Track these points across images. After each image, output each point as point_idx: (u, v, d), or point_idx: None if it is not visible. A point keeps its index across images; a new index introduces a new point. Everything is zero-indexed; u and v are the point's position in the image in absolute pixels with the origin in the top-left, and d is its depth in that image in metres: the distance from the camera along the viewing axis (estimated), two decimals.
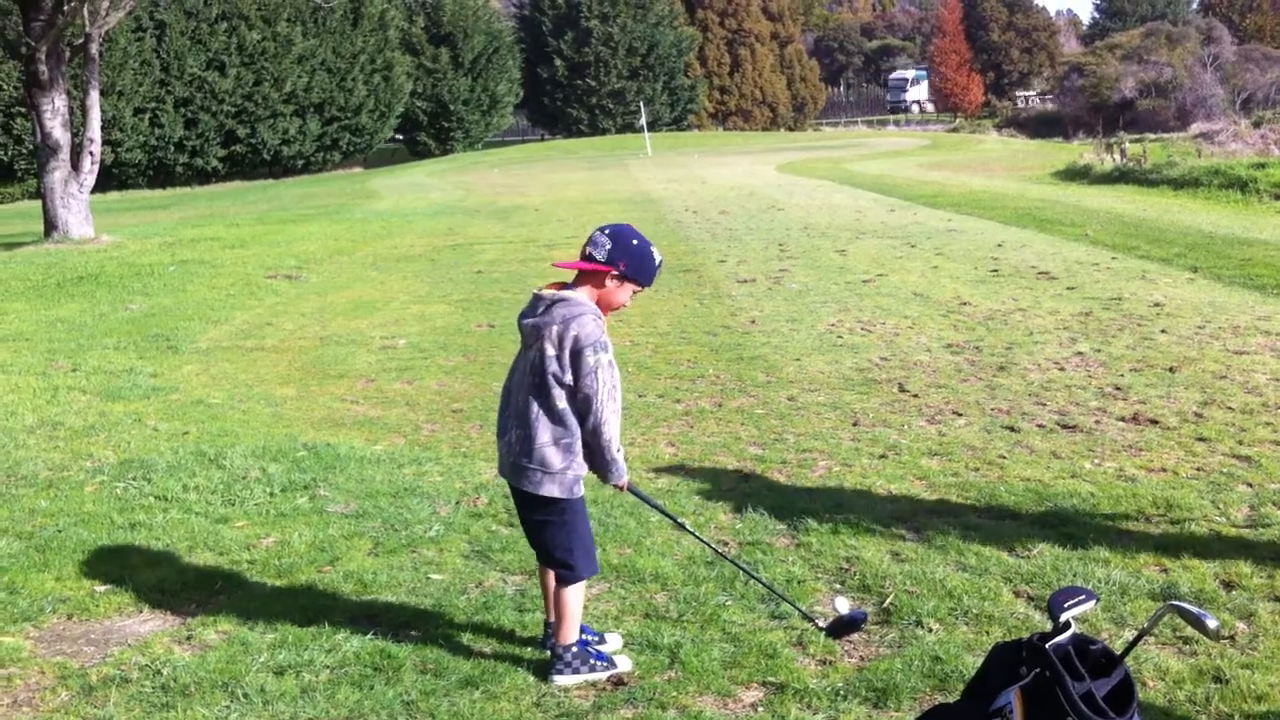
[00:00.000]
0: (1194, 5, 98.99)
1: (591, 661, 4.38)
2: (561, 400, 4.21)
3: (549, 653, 4.45)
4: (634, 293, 4.39)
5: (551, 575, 4.46)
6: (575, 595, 4.39)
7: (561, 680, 4.32)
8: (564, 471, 4.25)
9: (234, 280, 15.50)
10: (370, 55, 54.54)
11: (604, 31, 70.79)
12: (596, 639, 4.59)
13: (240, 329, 12.23)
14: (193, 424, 8.28)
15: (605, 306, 4.33)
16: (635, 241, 4.33)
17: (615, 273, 4.28)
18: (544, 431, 4.23)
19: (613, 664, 4.40)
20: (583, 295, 4.28)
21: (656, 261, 4.40)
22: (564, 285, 4.34)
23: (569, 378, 4.19)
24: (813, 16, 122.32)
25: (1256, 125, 39.55)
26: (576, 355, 4.17)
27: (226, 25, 48.80)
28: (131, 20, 42.10)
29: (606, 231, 4.32)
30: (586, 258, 4.28)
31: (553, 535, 4.36)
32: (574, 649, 4.37)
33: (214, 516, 6.28)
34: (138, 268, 16.62)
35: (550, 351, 4.18)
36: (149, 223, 26.27)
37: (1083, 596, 2.94)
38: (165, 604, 5.18)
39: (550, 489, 4.25)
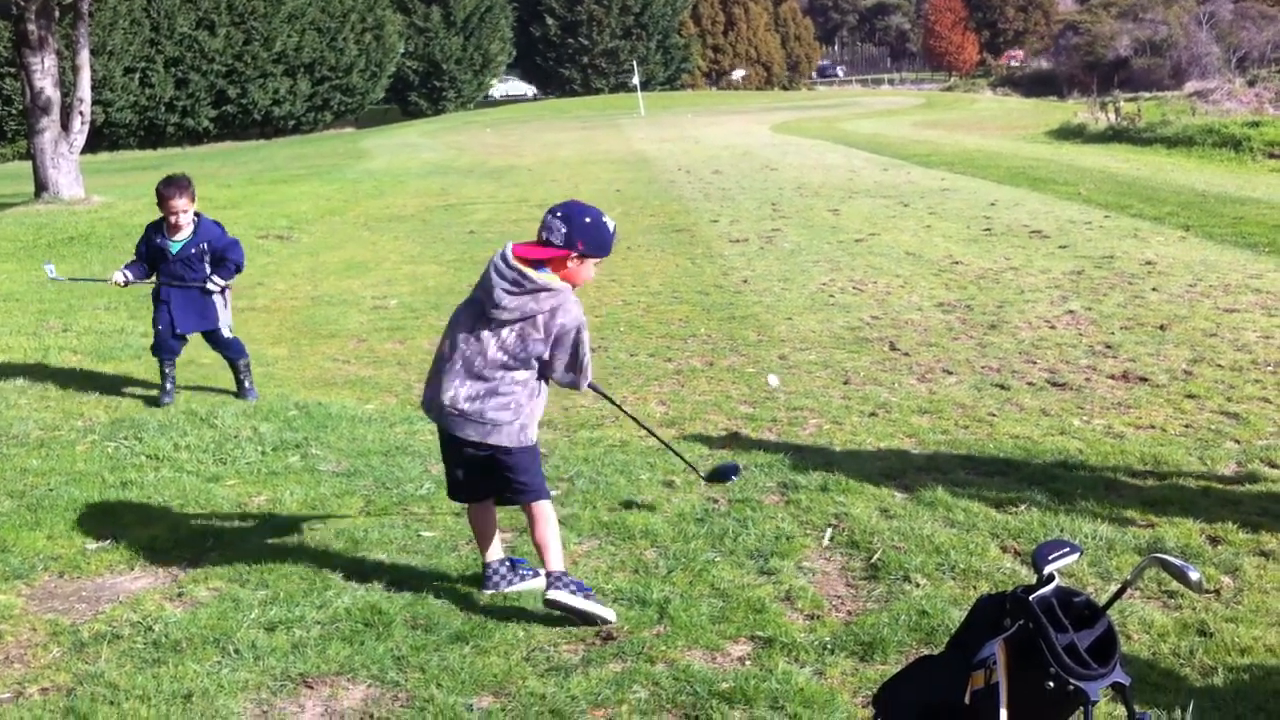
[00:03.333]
0: None
1: (587, 592, 4.49)
2: (533, 373, 4.48)
3: (493, 584, 4.75)
4: (595, 264, 4.50)
5: (488, 513, 4.73)
6: (550, 515, 4.57)
7: (555, 595, 4.38)
8: (525, 427, 4.49)
9: None
10: (361, 14, 54.06)
11: None
12: (531, 574, 4.83)
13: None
14: (183, 383, 8.26)
15: (572, 283, 4.46)
16: (587, 219, 4.39)
17: (575, 254, 4.38)
18: (512, 396, 4.44)
19: (602, 606, 4.45)
20: (556, 279, 4.39)
21: (610, 230, 4.48)
22: (535, 249, 4.40)
23: (552, 356, 4.43)
24: None
25: (1251, 84, 39.40)
26: (567, 339, 4.41)
27: None
28: None
29: (558, 214, 4.40)
30: (544, 243, 4.38)
31: (511, 474, 4.53)
32: (567, 576, 4.47)
33: (205, 475, 6.29)
34: (128, 228, 16.52)
35: (537, 335, 4.38)
36: (140, 183, 26.10)
37: (1067, 549, 2.96)
38: (157, 561, 5.19)
39: (510, 439, 4.46)
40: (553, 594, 4.38)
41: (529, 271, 4.33)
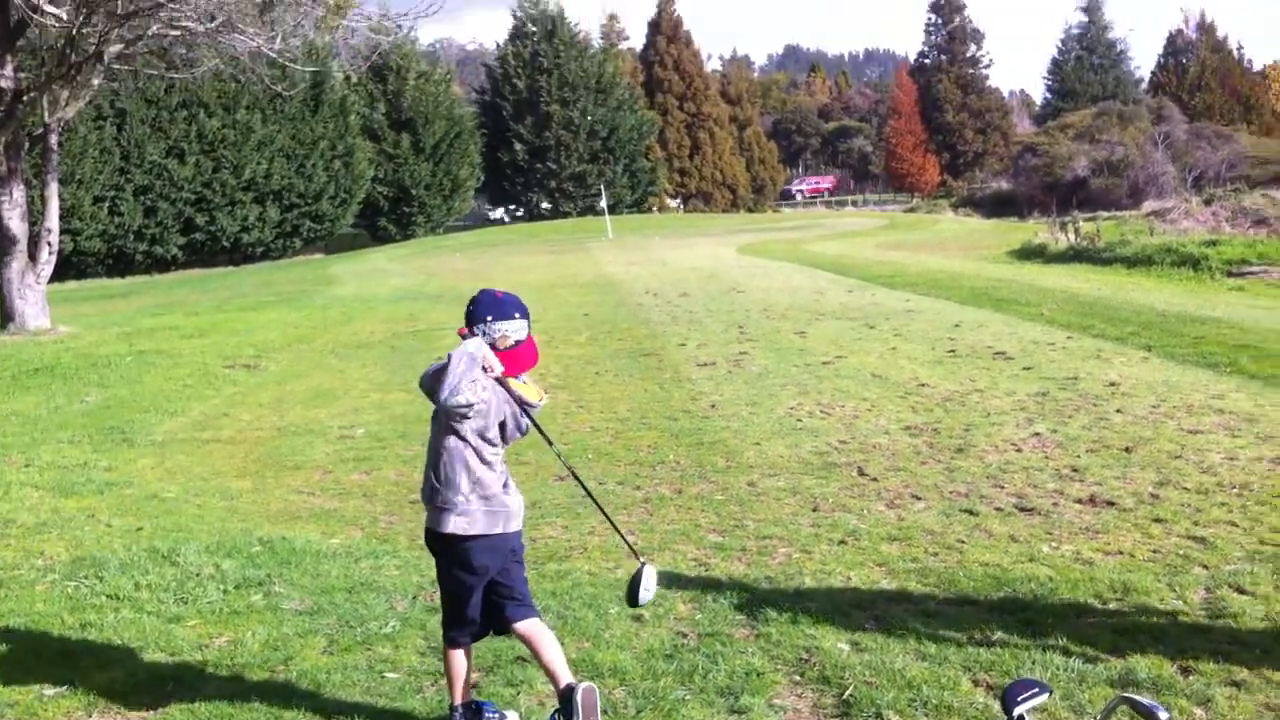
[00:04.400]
0: (1144, 85, 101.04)
1: None
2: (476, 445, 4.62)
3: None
4: (510, 338, 4.60)
5: (471, 652, 4.77)
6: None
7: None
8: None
9: (191, 370, 15.40)
10: (331, 141, 54.64)
11: (564, 116, 71.46)
12: (497, 717, 4.76)
13: (197, 420, 12.14)
14: (146, 519, 8.17)
15: (516, 365, 4.59)
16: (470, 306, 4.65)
17: (477, 331, 4.57)
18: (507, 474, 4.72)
19: None
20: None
21: (493, 295, 4.69)
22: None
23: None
24: (771, 99, 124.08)
25: (1208, 203, 40.20)
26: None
27: (186, 113, 48.83)
28: (92, 109, 42.09)
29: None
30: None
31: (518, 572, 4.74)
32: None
33: (166, 615, 6.19)
34: (94, 359, 16.50)
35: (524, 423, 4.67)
36: (107, 312, 26.14)
37: (1036, 689, 2.93)
38: (116, 707, 5.08)
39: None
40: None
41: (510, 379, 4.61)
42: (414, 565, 6.85)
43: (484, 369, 4.43)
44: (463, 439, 4.48)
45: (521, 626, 4.61)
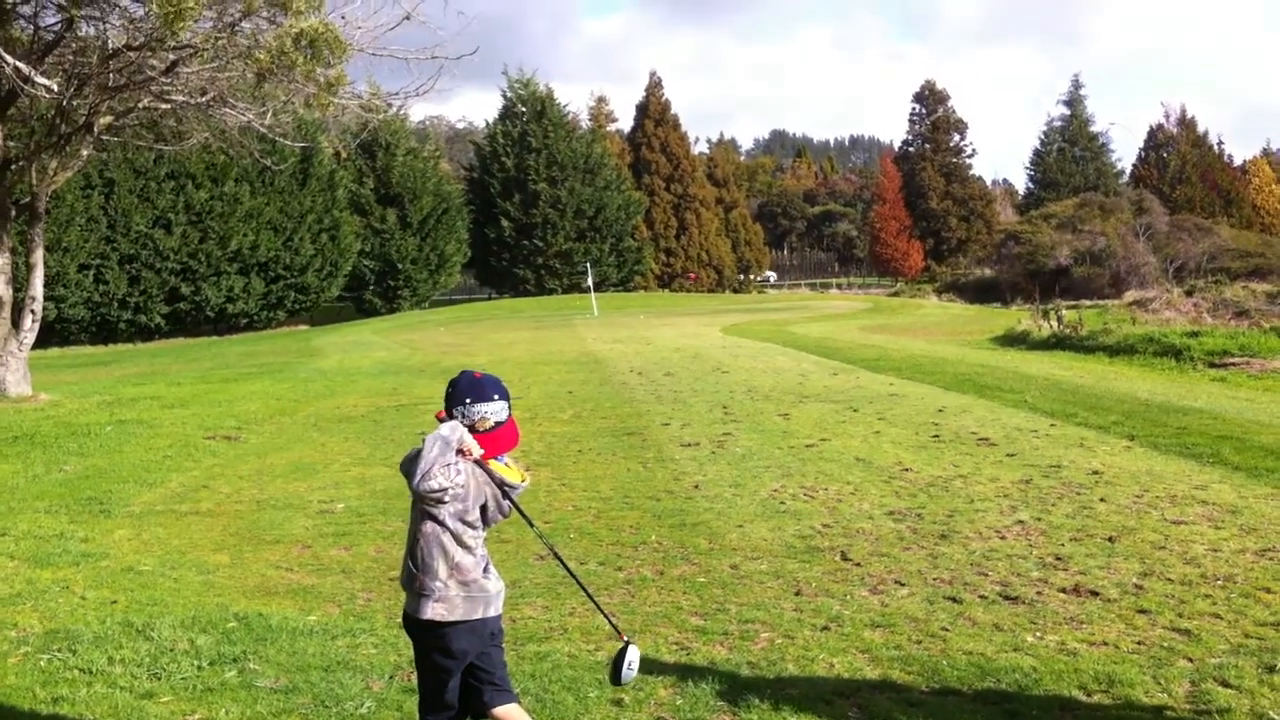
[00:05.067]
0: (1125, 178, 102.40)
1: None
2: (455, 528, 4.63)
3: None
4: (490, 419, 4.60)
5: None
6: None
7: None
8: None
9: (172, 441, 15.31)
10: (318, 215, 54.95)
11: (552, 194, 72.05)
12: None
13: (175, 492, 12.04)
14: (122, 592, 8.07)
15: (495, 447, 4.59)
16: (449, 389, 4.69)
17: (456, 414, 4.60)
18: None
19: None
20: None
21: (471, 377, 4.70)
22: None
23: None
24: (757, 183, 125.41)
25: (1189, 294, 40.53)
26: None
27: (174, 184, 49.08)
28: (80, 177, 42.26)
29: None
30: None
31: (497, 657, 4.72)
32: None
33: (139, 691, 6.09)
34: (75, 427, 16.39)
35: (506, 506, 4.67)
36: (89, 380, 26.02)
37: None
38: None
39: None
40: None
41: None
42: (391, 644, 6.77)
43: (462, 452, 4.42)
44: (440, 523, 4.45)
45: (500, 711, 4.55)
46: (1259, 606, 7.05)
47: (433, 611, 4.45)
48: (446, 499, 4.40)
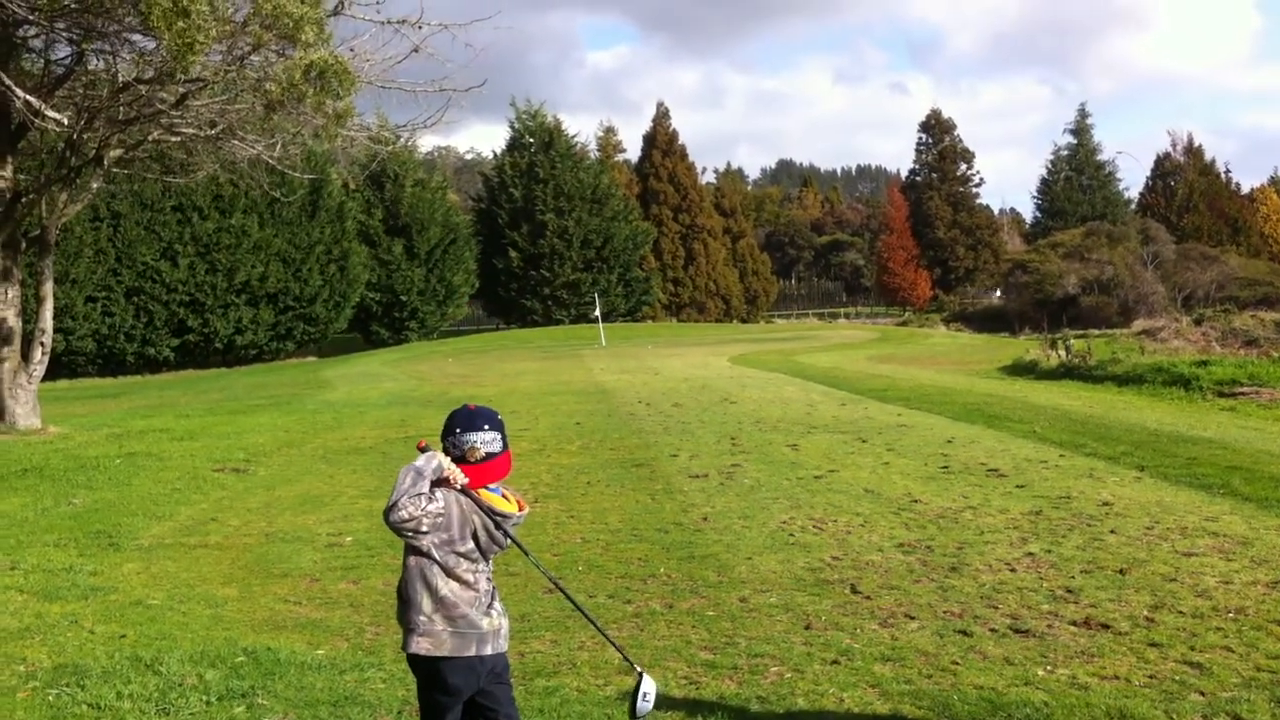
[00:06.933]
0: (1132, 206, 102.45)
1: None
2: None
3: None
4: (480, 450, 4.54)
5: None
6: None
7: None
8: None
9: (180, 473, 15.32)
10: (327, 245, 55.09)
11: (559, 225, 72.19)
12: None
13: (184, 525, 12.04)
14: (130, 626, 8.07)
15: (484, 476, 4.56)
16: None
17: (447, 444, 4.60)
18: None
19: None
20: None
21: (465, 409, 4.67)
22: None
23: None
24: (764, 213, 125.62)
25: (1198, 323, 40.55)
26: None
27: (180, 216, 49.29)
28: (88, 210, 42.46)
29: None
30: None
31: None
32: None
33: None
34: (83, 460, 16.41)
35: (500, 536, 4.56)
36: (98, 412, 26.07)
37: None
38: None
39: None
40: None
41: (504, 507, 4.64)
42: (399, 679, 6.75)
43: (446, 481, 4.39)
44: (425, 555, 4.42)
45: None
46: (1271, 639, 7.01)
47: (417, 646, 4.43)
48: (424, 528, 4.35)
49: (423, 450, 4.48)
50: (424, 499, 4.31)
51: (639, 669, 4.77)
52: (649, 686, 4.66)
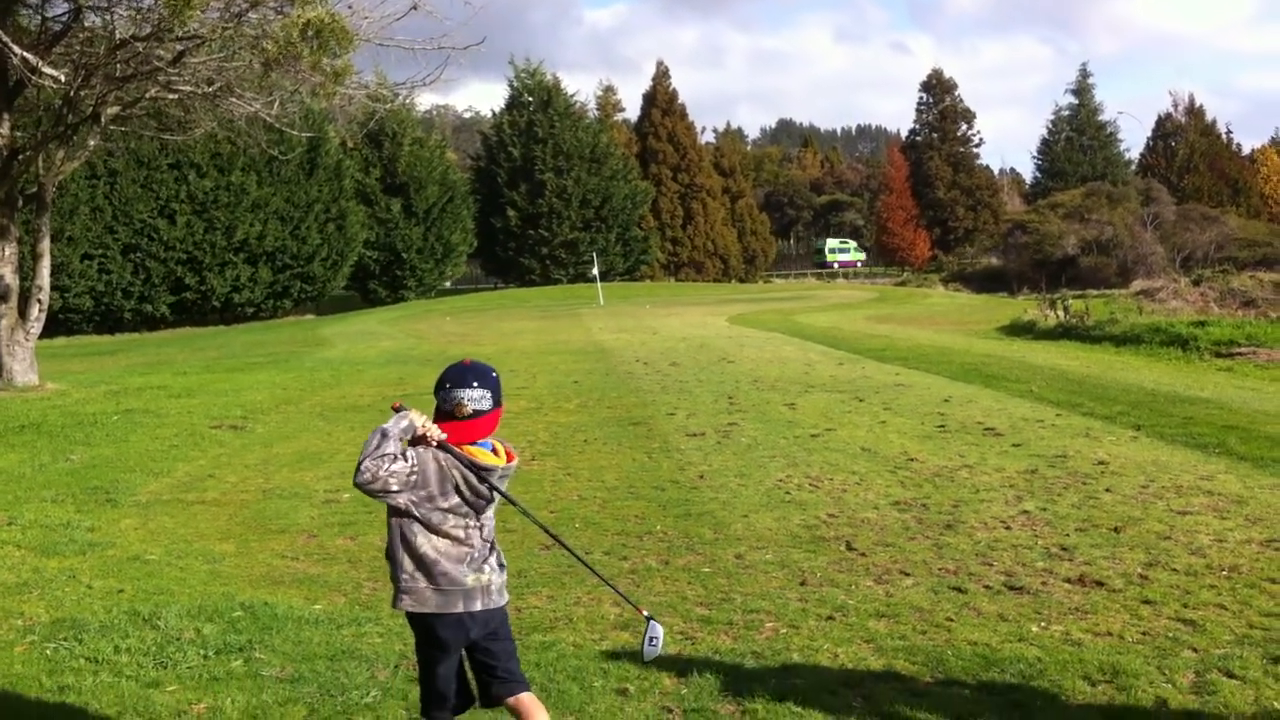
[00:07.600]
0: (1133, 167, 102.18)
1: None
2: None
3: None
4: (467, 406, 4.50)
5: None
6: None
7: None
8: None
9: (178, 430, 15.34)
10: (324, 204, 54.96)
11: (558, 184, 72.00)
12: None
13: (182, 481, 12.07)
14: (128, 581, 8.09)
15: (466, 433, 4.50)
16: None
17: (438, 398, 4.60)
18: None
19: None
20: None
21: (460, 364, 4.65)
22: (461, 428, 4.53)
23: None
24: (763, 172, 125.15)
25: (1196, 283, 40.51)
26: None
27: (177, 174, 49.11)
28: (84, 167, 42.26)
29: None
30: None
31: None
32: None
33: (145, 680, 6.10)
34: (81, 417, 16.43)
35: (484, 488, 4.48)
36: (96, 370, 26.09)
37: None
38: None
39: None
40: None
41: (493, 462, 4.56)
42: (397, 634, 6.78)
43: (424, 439, 4.35)
44: (404, 514, 4.36)
45: (512, 701, 4.53)
46: (1264, 597, 7.04)
47: (402, 604, 4.42)
48: (394, 488, 4.27)
49: (397, 411, 4.42)
50: (388, 459, 4.21)
51: (645, 613, 4.82)
52: (656, 631, 4.70)
